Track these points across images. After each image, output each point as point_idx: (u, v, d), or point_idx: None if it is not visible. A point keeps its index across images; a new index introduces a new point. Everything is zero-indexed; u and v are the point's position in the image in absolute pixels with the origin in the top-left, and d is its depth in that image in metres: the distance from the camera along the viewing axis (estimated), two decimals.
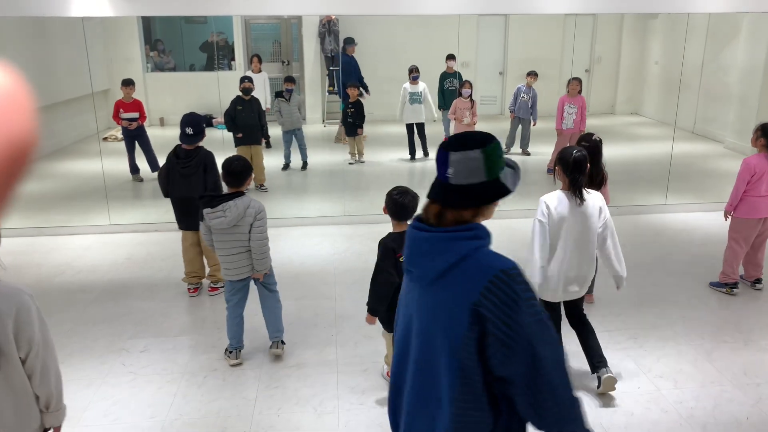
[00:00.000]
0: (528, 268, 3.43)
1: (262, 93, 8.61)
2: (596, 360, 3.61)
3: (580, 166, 3.37)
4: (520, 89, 9.06)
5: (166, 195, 4.88)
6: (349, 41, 9.79)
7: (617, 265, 3.53)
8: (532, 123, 9.09)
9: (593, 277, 3.67)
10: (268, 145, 8.70)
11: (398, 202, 3.45)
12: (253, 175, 4.06)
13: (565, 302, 3.67)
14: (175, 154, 4.74)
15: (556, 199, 3.42)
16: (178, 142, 4.76)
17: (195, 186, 4.67)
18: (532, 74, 9.01)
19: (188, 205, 4.74)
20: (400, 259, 3.49)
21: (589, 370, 3.64)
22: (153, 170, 8.17)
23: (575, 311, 3.72)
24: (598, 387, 3.58)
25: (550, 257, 3.44)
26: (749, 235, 4.83)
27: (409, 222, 3.26)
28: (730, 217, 4.92)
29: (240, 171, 3.82)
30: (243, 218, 3.77)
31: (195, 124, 4.68)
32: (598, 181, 4.15)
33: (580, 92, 8.04)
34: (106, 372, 3.95)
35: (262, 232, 3.83)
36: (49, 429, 2.21)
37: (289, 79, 8.26)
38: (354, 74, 9.67)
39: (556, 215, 3.39)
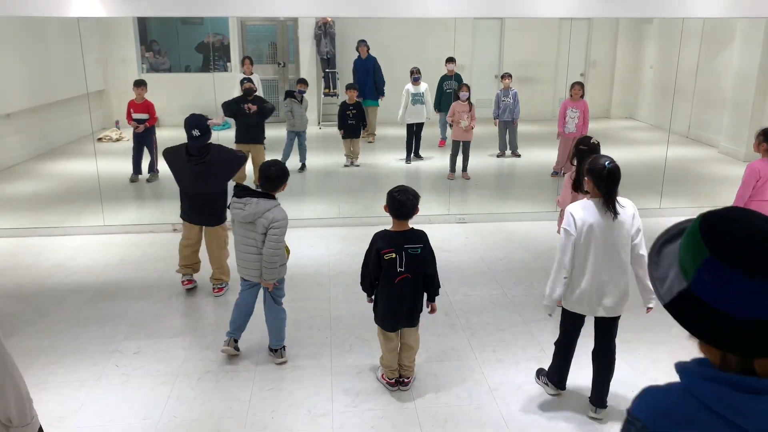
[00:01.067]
0: (551, 279, 3.37)
1: None
2: (596, 398, 3.50)
3: (614, 178, 3.22)
4: (499, 95, 9.13)
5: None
6: (360, 42, 9.82)
7: (647, 279, 3.25)
8: (513, 123, 9.17)
9: (627, 292, 3.37)
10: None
11: (398, 200, 3.49)
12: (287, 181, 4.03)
13: (599, 323, 3.44)
14: (187, 151, 4.72)
15: (582, 209, 3.28)
16: (184, 142, 4.76)
17: (208, 182, 4.71)
18: (507, 76, 9.09)
19: (198, 201, 4.81)
20: (384, 257, 3.50)
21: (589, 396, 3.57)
22: (149, 172, 8.16)
23: (607, 337, 3.44)
24: (592, 412, 3.52)
25: (581, 269, 3.29)
26: None
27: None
28: None
29: (276, 176, 3.89)
30: (259, 219, 3.76)
31: (199, 125, 4.69)
32: None
33: (582, 96, 8.07)
34: (99, 373, 3.93)
35: (276, 241, 3.78)
36: None
37: (302, 81, 8.48)
38: (370, 77, 9.67)
39: (583, 225, 3.25)
